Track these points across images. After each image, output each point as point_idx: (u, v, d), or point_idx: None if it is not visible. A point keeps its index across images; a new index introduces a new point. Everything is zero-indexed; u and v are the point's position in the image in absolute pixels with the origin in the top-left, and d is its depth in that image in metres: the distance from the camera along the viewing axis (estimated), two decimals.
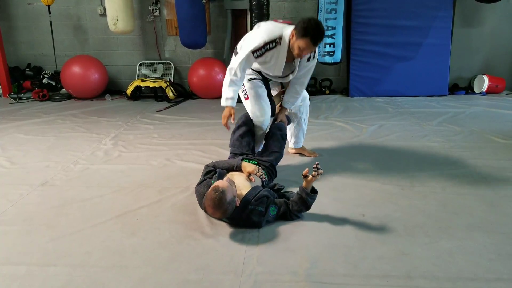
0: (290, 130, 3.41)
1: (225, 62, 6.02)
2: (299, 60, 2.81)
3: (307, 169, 2.33)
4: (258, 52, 2.69)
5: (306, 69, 2.93)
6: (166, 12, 6.25)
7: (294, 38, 2.63)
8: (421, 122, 4.45)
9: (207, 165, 2.73)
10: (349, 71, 5.84)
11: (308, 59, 2.84)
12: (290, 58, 2.77)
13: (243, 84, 2.99)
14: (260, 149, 3.15)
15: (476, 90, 5.86)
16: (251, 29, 5.27)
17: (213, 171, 2.64)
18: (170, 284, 1.89)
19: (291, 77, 2.93)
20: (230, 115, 2.82)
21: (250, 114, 3.02)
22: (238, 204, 2.27)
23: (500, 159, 3.33)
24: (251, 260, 2.05)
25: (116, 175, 3.20)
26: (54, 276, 1.96)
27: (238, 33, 5.98)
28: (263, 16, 5.20)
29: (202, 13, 5.45)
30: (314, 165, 2.30)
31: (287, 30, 2.68)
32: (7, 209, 2.65)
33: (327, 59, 5.44)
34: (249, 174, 2.57)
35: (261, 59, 2.75)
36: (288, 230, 2.32)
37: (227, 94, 2.81)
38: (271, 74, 2.94)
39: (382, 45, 5.63)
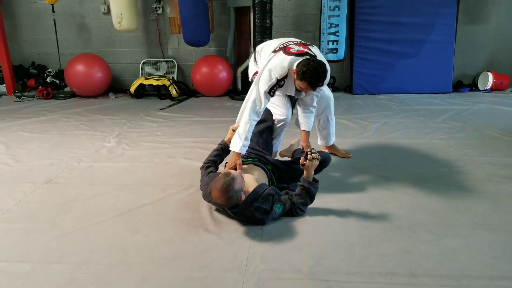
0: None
1: (228, 60, 6.02)
2: None
3: (302, 157, 2.33)
4: (273, 89, 2.67)
5: (312, 95, 2.88)
6: (169, 10, 6.24)
7: (296, 76, 2.58)
8: (425, 120, 4.44)
9: (201, 167, 2.70)
10: (352, 69, 5.82)
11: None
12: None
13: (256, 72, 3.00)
14: (278, 143, 3.13)
15: (480, 87, 5.83)
16: (254, 27, 5.29)
17: (212, 166, 2.65)
18: (173, 281, 1.89)
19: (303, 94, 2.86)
20: (236, 166, 2.58)
21: (272, 112, 3.01)
22: (243, 198, 2.28)
23: (504, 156, 3.32)
24: (254, 257, 2.05)
25: (119, 173, 3.21)
26: (57, 273, 1.97)
27: (241, 31, 5.98)
28: (266, 13, 5.18)
29: (205, 11, 5.44)
30: (308, 150, 2.31)
31: (294, 64, 2.61)
32: (11, 207, 2.66)
33: (330, 56, 5.43)
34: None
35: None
36: (291, 227, 2.32)
37: (244, 140, 2.59)
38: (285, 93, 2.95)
39: (386, 42, 5.61)
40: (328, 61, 5.47)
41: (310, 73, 2.48)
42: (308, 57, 2.61)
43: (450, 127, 4.13)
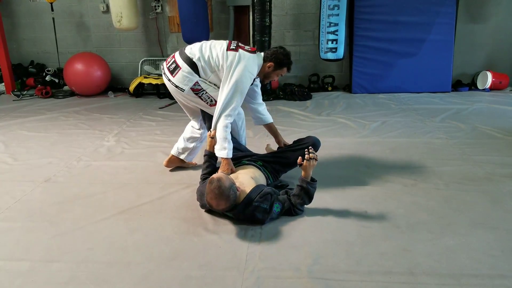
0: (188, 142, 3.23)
1: None
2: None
3: (300, 157, 2.33)
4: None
5: (258, 86, 2.99)
6: (168, 9, 6.24)
7: (272, 68, 2.73)
8: (424, 119, 4.44)
9: (199, 182, 2.68)
10: (351, 68, 5.82)
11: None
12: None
13: (206, 92, 2.77)
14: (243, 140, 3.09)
15: (479, 86, 5.83)
16: (253, 26, 5.29)
17: (207, 175, 2.62)
18: (172, 280, 1.89)
19: None
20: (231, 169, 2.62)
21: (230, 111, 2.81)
22: (239, 190, 2.28)
23: (503, 156, 3.32)
24: (253, 256, 2.05)
25: (118, 171, 3.21)
26: (57, 272, 1.97)
27: (240, 30, 5.98)
28: (266, 12, 5.18)
29: (204, 9, 5.44)
30: (306, 150, 2.30)
31: (260, 58, 2.74)
32: (11, 205, 2.66)
33: (330, 55, 5.42)
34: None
35: None
36: (290, 226, 2.32)
37: (228, 144, 2.61)
38: None
39: (385, 41, 5.61)
40: (328, 60, 5.56)
41: (289, 59, 2.76)
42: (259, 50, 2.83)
43: (449, 126, 4.14)
